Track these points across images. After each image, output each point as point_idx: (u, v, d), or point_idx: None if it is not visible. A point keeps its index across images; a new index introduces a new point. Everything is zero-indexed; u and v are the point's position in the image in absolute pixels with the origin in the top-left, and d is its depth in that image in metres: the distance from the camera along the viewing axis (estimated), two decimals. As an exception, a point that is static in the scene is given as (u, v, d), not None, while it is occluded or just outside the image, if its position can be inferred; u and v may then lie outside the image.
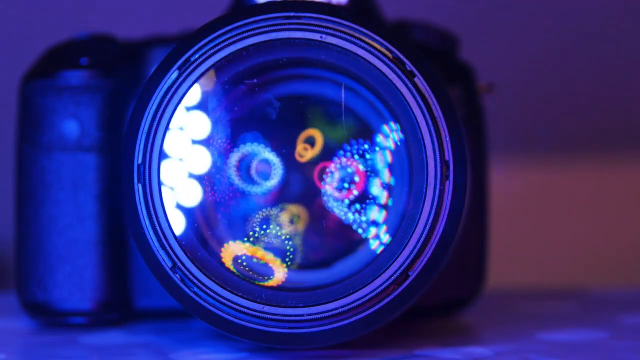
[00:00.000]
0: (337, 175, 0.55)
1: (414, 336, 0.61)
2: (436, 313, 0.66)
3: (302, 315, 0.53)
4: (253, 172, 0.55)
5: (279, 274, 0.55)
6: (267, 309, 0.53)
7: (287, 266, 0.55)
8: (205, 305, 0.53)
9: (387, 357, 0.55)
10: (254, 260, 0.55)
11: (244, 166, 0.55)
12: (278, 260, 0.55)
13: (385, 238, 0.55)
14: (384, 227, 0.55)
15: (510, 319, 0.68)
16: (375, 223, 0.55)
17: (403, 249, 0.53)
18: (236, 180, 0.55)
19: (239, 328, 0.53)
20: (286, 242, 0.55)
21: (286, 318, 0.53)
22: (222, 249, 0.55)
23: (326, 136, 0.56)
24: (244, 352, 0.56)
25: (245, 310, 0.53)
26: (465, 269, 0.65)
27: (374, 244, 0.55)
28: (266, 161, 0.55)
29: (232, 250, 0.55)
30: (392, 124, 0.54)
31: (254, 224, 0.55)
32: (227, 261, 0.55)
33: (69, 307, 0.62)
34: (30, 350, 0.60)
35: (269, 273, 0.55)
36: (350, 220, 0.55)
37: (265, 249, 0.55)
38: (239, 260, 0.55)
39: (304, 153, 0.56)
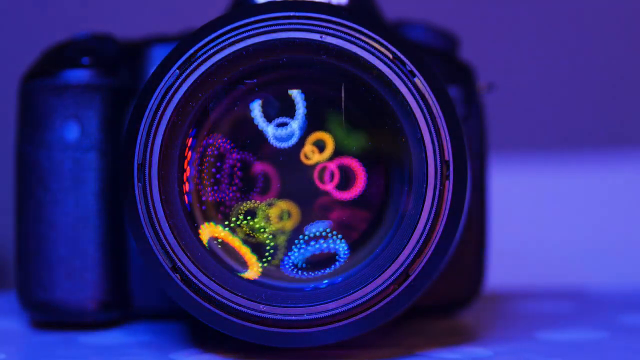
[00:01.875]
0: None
1: (414, 336, 0.61)
2: (436, 313, 0.66)
3: (302, 315, 0.53)
4: (274, 120, 0.55)
5: (253, 271, 0.55)
6: (267, 308, 0.53)
7: (262, 265, 0.55)
8: (205, 305, 0.53)
9: (387, 357, 0.55)
10: (230, 248, 0.55)
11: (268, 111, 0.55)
12: (254, 257, 0.55)
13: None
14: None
15: (510, 319, 0.68)
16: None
17: (403, 249, 0.53)
18: (260, 121, 0.55)
19: (239, 328, 0.53)
20: (268, 240, 0.55)
21: (286, 318, 0.53)
22: (201, 227, 0.55)
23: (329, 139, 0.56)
24: (244, 352, 0.56)
25: (246, 310, 0.53)
26: (465, 268, 0.65)
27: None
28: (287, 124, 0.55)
29: (210, 231, 0.55)
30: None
31: (239, 212, 0.55)
32: (204, 239, 0.55)
33: (69, 307, 0.62)
34: (30, 350, 0.60)
35: (243, 265, 0.55)
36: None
37: (244, 242, 0.55)
38: (216, 241, 0.55)
39: (311, 155, 0.56)
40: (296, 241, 0.55)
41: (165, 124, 0.54)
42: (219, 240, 0.55)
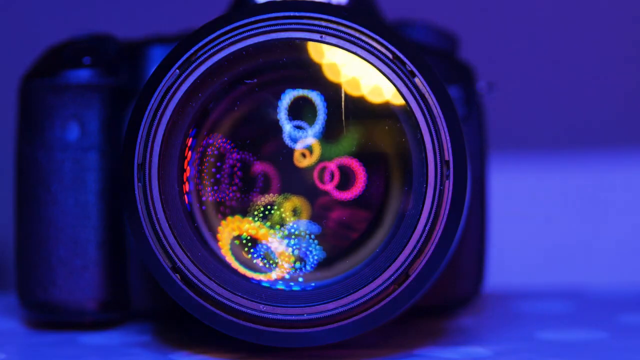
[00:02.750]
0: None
1: (414, 336, 0.61)
2: (436, 313, 0.66)
3: (302, 315, 0.53)
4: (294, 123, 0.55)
5: (280, 270, 0.55)
6: (267, 308, 0.53)
7: (292, 252, 0.55)
8: (205, 305, 0.53)
9: (387, 357, 0.55)
10: (258, 243, 0.55)
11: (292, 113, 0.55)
12: (289, 250, 0.55)
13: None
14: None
15: (510, 319, 0.68)
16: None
17: (403, 249, 0.53)
18: (283, 115, 0.55)
19: (239, 328, 0.53)
20: (292, 229, 0.55)
21: (286, 318, 0.53)
22: (221, 225, 0.55)
23: (324, 141, 0.56)
24: (244, 352, 0.56)
25: (246, 310, 0.53)
26: (465, 268, 0.65)
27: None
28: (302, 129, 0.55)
29: (234, 227, 0.55)
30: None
31: (259, 204, 0.55)
32: (224, 241, 0.55)
33: (69, 307, 0.62)
34: (30, 350, 0.60)
35: (271, 264, 0.55)
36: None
37: (283, 236, 0.55)
38: (240, 239, 0.55)
39: (302, 159, 0.56)
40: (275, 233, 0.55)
41: (165, 124, 0.54)
42: (244, 236, 0.55)
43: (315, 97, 0.55)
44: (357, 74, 0.54)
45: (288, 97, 0.55)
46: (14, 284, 0.63)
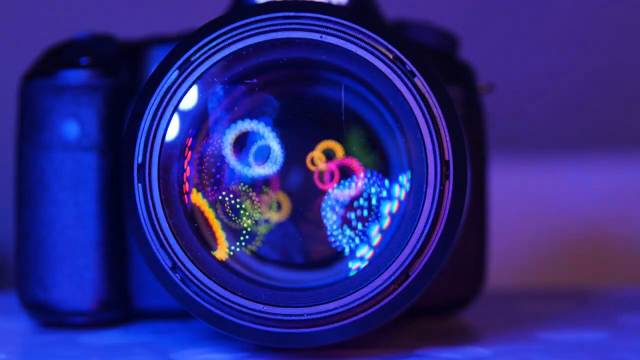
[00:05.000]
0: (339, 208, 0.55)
1: (414, 336, 0.61)
2: (436, 313, 0.66)
3: (302, 315, 0.53)
4: (251, 155, 0.55)
5: (220, 253, 0.55)
6: (267, 308, 0.53)
7: (229, 252, 0.55)
8: (205, 305, 0.53)
9: (387, 357, 0.55)
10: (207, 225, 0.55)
11: (242, 147, 0.55)
12: (225, 243, 0.55)
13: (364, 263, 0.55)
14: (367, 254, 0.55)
15: (510, 319, 0.68)
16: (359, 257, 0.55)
17: (403, 249, 0.53)
18: (232, 160, 0.55)
19: (239, 328, 0.53)
20: (244, 230, 0.55)
21: (286, 318, 0.53)
22: (192, 192, 0.55)
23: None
24: (244, 352, 0.56)
25: (246, 310, 0.53)
26: (465, 268, 0.65)
27: (354, 266, 0.55)
28: (266, 147, 0.55)
29: (194, 199, 0.55)
30: (408, 173, 0.54)
31: (224, 192, 0.55)
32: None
33: (69, 307, 0.62)
34: (30, 350, 0.60)
35: (213, 246, 0.55)
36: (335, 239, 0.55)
37: (222, 226, 0.55)
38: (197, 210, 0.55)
39: (318, 162, 0.56)
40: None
41: (165, 124, 0.54)
42: (200, 209, 0.55)
43: (256, 125, 0.55)
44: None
45: (232, 133, 0.55)
46: (14, 284, 0.63)
